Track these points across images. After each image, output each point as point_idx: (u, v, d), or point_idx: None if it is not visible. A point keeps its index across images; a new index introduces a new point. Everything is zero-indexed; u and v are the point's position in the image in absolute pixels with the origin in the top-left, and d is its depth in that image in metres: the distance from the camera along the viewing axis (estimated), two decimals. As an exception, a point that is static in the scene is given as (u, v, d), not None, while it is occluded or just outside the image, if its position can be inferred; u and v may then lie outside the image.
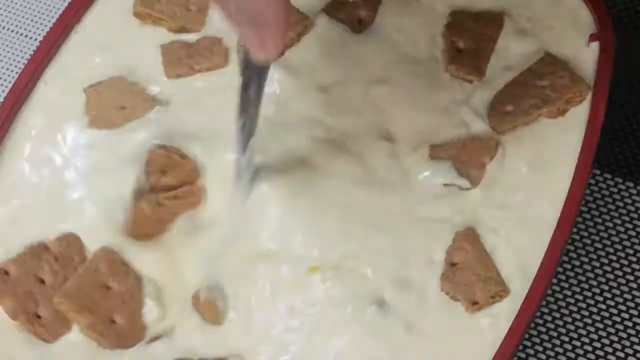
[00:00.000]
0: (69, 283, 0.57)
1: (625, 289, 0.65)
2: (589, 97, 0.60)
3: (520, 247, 0.57)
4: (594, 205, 0.67)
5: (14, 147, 0.61)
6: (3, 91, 0.74)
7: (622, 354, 0.63)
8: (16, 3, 0.78)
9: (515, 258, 0.56)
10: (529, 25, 0.63)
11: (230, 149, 0.58)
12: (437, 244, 0.57)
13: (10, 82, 0.74)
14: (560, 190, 0.58)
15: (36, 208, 0.60)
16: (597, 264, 0.66)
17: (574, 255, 0.66)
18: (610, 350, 0.64)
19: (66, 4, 0.65)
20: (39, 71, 0.62)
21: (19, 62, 0.75)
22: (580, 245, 0.66)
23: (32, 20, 0.77)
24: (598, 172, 0.68)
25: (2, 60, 0.76)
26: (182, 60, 0.62)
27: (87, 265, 0.57)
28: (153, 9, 0.63)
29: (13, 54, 0.76)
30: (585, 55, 0.61)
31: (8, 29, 0.77)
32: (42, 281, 0.57)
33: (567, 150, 0.59)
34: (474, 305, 0.55)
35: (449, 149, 0.59)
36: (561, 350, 0.64)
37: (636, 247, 0.66)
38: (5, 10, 0.78)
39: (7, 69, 0.75)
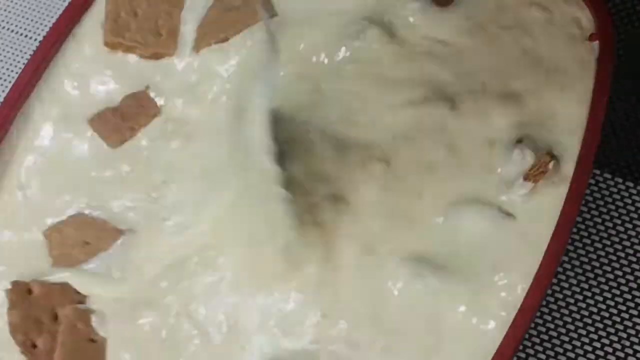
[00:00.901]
0: (57, 354, 0.57)
1: (625, 289, 0.65)
2: (589, 97, 0.60)
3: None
4: (594, 205, 0.67)
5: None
6: (3, 91, 0.74)
7: (622, 354, 0.63)
8: (16, 3, 0.78)
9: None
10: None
11: None
12: None
13: (10, 82, 0.74)
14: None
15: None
16: (597, 264, 0.66)
17: (574, 255, 0.66)
18: (610, 350, 0.64)
19: (66, 3, 0.64)
20: (39, 72, 0.62)
21: (19, 62, 0.75)
22: (580, 245, 0.66)
23: (32, 20, 0.77)
24: (598, 172, 0.68)
25: (2, 60, 0.76)
26: (119, 125, 0.61)
27: (64, 330, 0.57)
28: (124, 38, 0.62)
29: (13, 54, 0.76)
30: (585, 56, 0.61)
31: (8, 29, 0.77)
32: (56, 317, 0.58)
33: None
34: None
35: None
36: (561, 350, 0.64)
37: (636, 247, 0.66)
38: (5, 10, 0.78)
39: (7, 69, 0.75)
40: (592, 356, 0.64)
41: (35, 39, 0.76)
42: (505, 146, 0.58)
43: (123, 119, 0.61)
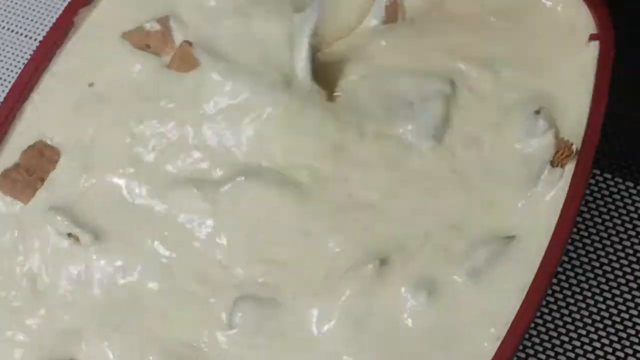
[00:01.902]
0: None
1: (625, 289, 0.65)
2: (589, 96, 0.60)
3: None
4: (594, 205, 0.67)
5: None
6: (3, 91, 0.74)
7: (622, 354, 0.63)
8: (16, 3, 0.78)
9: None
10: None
11: None
12: None
13: (10, 82, 0.74)
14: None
15: None
16: (597, 264, 0.66)
17: (574, 255, 0.66)
18: (610, 350, 0.64)
19: (66, 4, 0.64)
20: (39, 71, 0.62)
21: (19, 62, 0.75)
22: (580, 245, 0.66)
23: (32, 20, 0.77)
24: (598, 172, 0.68)
25: (2, 60, 0.76)
26: (27, 180, 0.61)
27: None
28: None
29: (13, 54, 0.76)
30: (585, 56, 0.61)
31: (8, 29, 0.77)
32: None
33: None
34: None
35: None
36: (561, 350, 0.64)
37: (636, 247, 0.66)
38: (5, 10, 0.78)
39: (7, 69, 0.75)
40: (592, 356, 0.64)
41: (35, 39, 0.76)
42: (526, 118, 0.59)
43: (29, 173, 0.61)
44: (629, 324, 0.64)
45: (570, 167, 0.57)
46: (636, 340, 0.64)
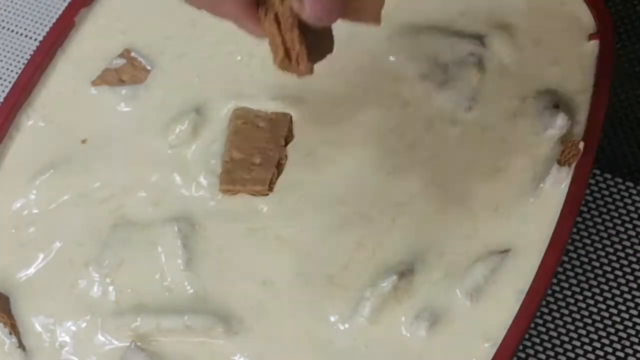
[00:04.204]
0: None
1: (625, 289, 0.65)
2: (589, 96, 0.60)
3: None
4: (594, 205, 0.67)
5: None
6: (3, 91, 0.74)
7: (622, 354, 0.63)
8: (16, 3, 0.78)
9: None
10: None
11: None
12: None
13: (10, 82, 0.74)
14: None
15: None
16: (597, 264, 0.66)
17: (574, 255, 0.66)
18: (610, 350, 0.64)
19: (66, 4, 0.65)
20: (39, 71, 0.62)
21: (19, 62, 0.75)
22: (580, 245, 0.66)
23: (32, 20, 0.77)
24: (598, 172, 0.68)
25: (2, 60, 0.76)
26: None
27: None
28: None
29: (13, 54, 0.76)
30: (586, 55, 0.61)
31: (8, 29, 0.77)
32: None
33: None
34: None
35: None
36: (561, 350, 0.64)
37: (636, 247, 0.66)
38: (5, 10, 0.78)
39: (7, 69, 0.75)
40: (592, 356, 0.64)
41: (35, 39, 0.76)
42: (544, 110, 0.59)
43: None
44: (629, 324, 0.64)
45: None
46: (636, 340, 0.64)
